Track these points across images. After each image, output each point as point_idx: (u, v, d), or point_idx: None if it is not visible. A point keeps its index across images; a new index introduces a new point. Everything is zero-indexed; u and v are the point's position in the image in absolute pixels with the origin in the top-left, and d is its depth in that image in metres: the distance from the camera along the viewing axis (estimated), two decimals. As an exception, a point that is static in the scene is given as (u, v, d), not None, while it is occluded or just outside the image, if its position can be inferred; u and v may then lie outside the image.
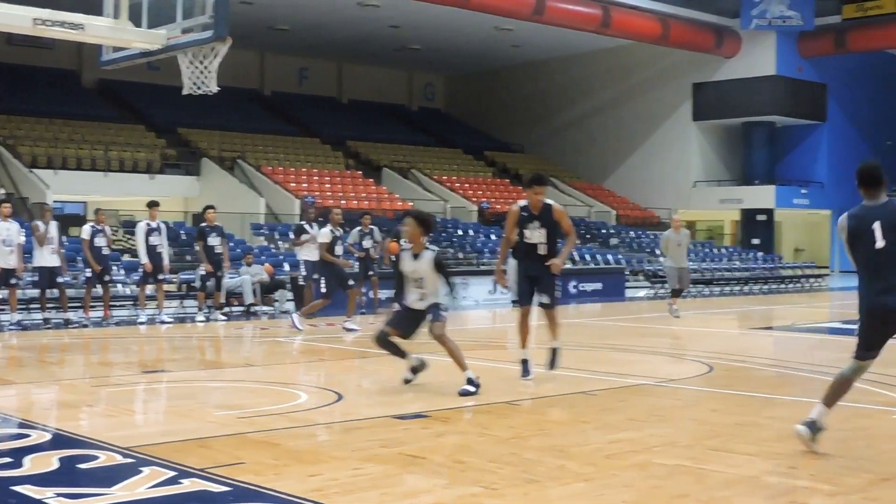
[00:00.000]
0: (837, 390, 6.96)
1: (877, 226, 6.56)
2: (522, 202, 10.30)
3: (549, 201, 10.29)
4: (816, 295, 29.96)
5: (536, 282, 10.34)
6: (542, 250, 10.24)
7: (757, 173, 42.73)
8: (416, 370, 9.85)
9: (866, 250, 6.61)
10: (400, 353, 9.85)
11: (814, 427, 6.83)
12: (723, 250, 36.70)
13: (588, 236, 36.15)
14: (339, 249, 16.65)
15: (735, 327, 19.16)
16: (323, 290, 16.21)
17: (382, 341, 9.77)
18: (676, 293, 20.10)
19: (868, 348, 6.85)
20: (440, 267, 9.66)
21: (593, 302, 25.83)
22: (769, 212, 42.28)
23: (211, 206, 19.54)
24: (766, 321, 20.69)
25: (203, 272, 19.10)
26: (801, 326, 18.59)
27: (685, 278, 19.91)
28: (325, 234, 16.23)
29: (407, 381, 9.85)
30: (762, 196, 41.81)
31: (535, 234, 10.23)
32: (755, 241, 41.32)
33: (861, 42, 40.72)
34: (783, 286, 32.78)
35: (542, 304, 10.45)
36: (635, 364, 12.41)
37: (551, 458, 6.65)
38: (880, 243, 6.54)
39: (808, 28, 40.07)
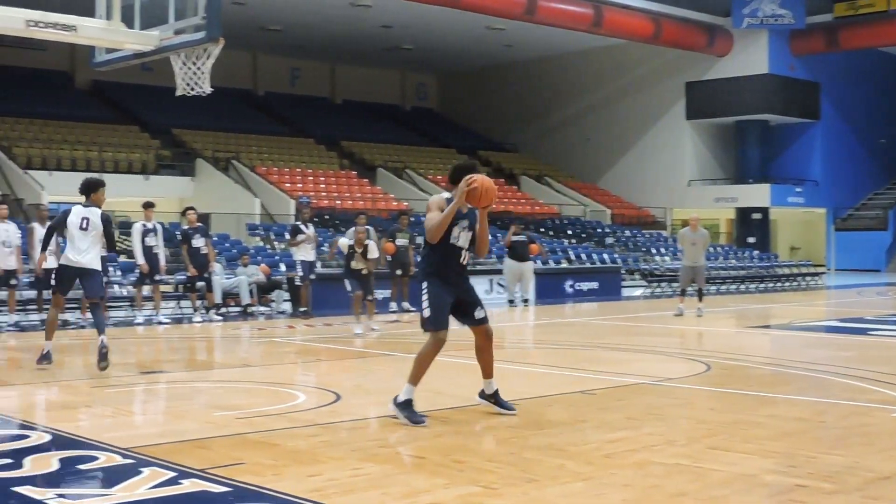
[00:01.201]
0: None
1: None
2: (447, 195, 8.16)
3: None
4: (813, 293, 29.98)
5: (459, 299, 8.13)
6: (464, 259, 8.12)
7: (751, 172, 42.81)
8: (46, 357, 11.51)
9: None
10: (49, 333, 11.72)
11: None
12: (719, 249, 36.74)
13: (584, 235, 36.21)
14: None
15: (732, 326, 19.16)
16: (349, 288, 16.21)
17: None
18: (683, 293, 20.20)
19: None
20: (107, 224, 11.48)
21: (589, 301, 25.85)
22: (764, 210, 42.35)
23: (191, 208, 19.52)
24: (763, 320, 20.69)
25: (186, 276, 19.14)
26: (798, 325, 18.60)
27: (700, 277, 19.96)
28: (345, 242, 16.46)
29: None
30: (757, 195, 41.88)
31: (462, 237, 8.04)
32: (751, 240, 41.40)
33: (853, 40, 40.82)
34: (779, 284, 32.81)
35: (479, 321, 8.24)
36: (633, 363, 12.41)
37: (550, 458, 6.66)
38: None
39: (800, 26, 40.16)
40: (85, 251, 11.36)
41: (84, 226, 11.34)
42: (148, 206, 18.87)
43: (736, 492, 5.82)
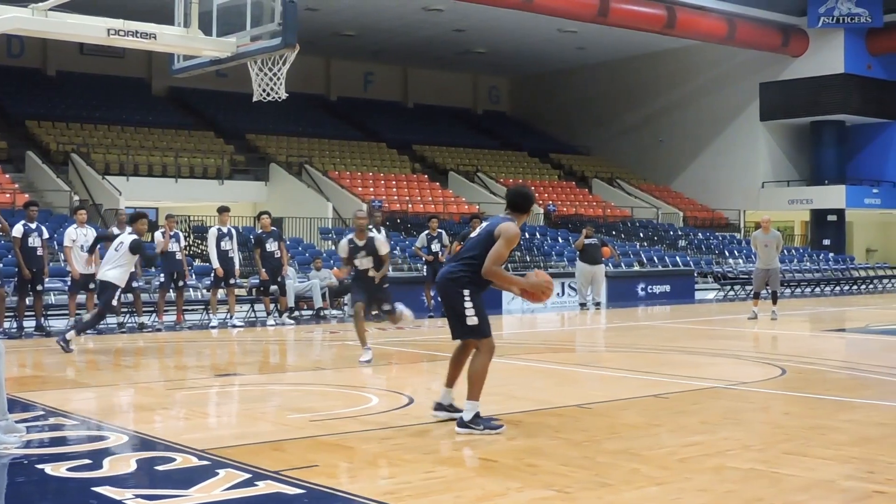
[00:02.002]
0: None
1: None
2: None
3: None
4: (890, 296, 29.50)
5: None
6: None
7: (826, 173, 42.14)
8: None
9: None
10: None
11: None
12: (793, 251, 36.28)
13: (656, 238, 35.95)
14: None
15: (807, 329, 18.93)
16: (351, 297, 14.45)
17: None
18: (756, 296, 20.00)
19: None
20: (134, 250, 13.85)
21: (662, 304, 25.67)
22: (840, 212, 41.69)
23: (265, 212, 19.69)
24: (838, 323, 20.40)
25: (259, 280, 19.32)
26: (875, 328, 18.31)
27: (773, 279, 19.75)
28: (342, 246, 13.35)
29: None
30: (832, 196, 41.23)
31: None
32: (826, 242, 40.79)
33: (932, 38, 40.01)
34: (855, 287, 32.33)
35: None
36: (706, 367, 12.31)
37: (624, 462, 6.63)
38: None
39: (877, 25, 39.47)
40: (109, 266, 13.84)
41: (117, 247, 14.01)
42: (223, 210, 19.08)
43: (813, 497, 5.75)
